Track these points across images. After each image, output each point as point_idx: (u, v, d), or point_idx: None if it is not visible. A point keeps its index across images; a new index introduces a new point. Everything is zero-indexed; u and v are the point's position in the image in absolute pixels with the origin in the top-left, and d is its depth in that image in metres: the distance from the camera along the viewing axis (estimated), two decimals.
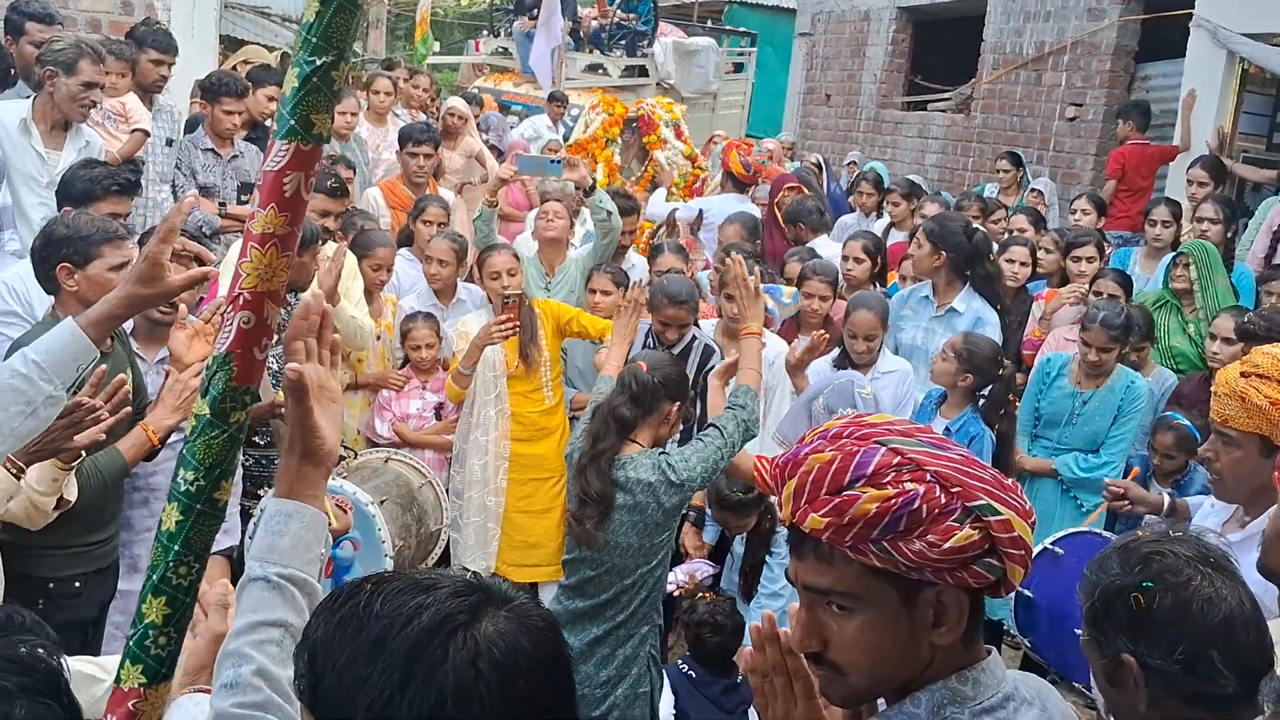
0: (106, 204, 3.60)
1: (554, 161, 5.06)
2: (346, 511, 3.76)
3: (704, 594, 3.76)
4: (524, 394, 4.52)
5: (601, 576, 3.06)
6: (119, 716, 1.16)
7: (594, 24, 11.36)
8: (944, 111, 11.18)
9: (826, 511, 1.28)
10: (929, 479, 1.27)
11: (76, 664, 1.91)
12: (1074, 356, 4.49)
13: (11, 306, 3.38)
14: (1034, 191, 8.03)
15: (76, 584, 2.93)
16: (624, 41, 11.28)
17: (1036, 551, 3.20)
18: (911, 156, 11.27)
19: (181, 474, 1.20)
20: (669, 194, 8.18)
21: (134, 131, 5.08)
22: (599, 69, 11.21)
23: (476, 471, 4.49)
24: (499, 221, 5.08)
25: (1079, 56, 9.38)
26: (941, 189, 9.59)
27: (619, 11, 11.31)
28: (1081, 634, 1.71)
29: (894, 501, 1.26)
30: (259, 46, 9.51)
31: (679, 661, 3.62)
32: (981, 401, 4.15)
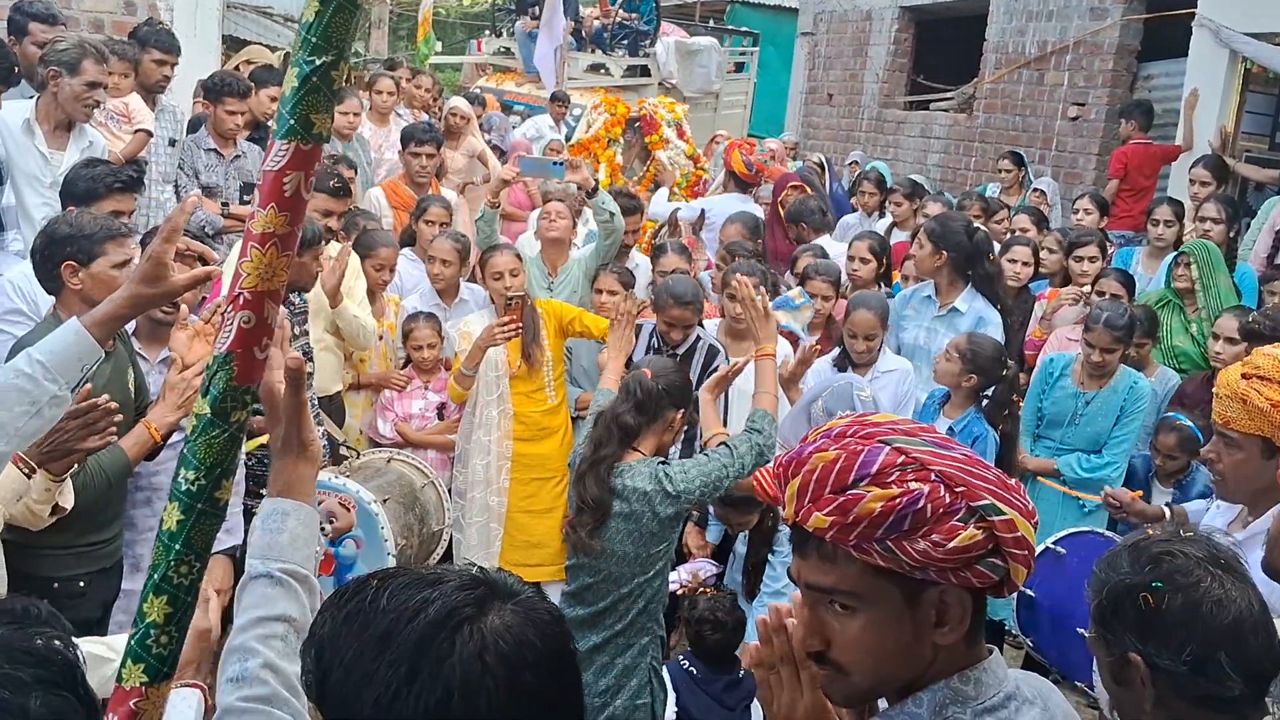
0: (110, 202, 3.60)
1: (556, 163, 5.05)
2: (350, 510, 3.77)
3: (705, 589, 3.74)
4: (526, 394, 4.52)
5: (599, 584, 3.05)
6: (121, 715, 1.17)
7: (596, 23, 11.36)
8: (946, 111, 11.17)
9: (831, 510, 1.28)
10: (933, 478, 1.27)
11: (87, 645, 1.93)
12: (1077, 357, 4.48)
13: (17, 305, 3.38)
14: (1036, 191, 8.02)
15: (81, 584, 2.93)
16: (626, 41, 11.28)
17: (1039, 551, 3.20)
18: (914, 156, 11.26)
19: (183, 473, 1.20)
20: (671, 194, 8.17)
21: (137, 132, 5.09)
22: (601, 69, 11.21)
23: (479, 471, 4.49)
24: (501, 221, 5.07)
25: (1081, 56, 9.37)
26: (944, 189, 9.58)
27: (621, 11, 11.31)
28: (1088, 631, 1.70)
29: (899, 501, 1.25)
30: (261, 46, 9.52)
31: (679, 658, 3.61)
32: (985, 402, 4.15)
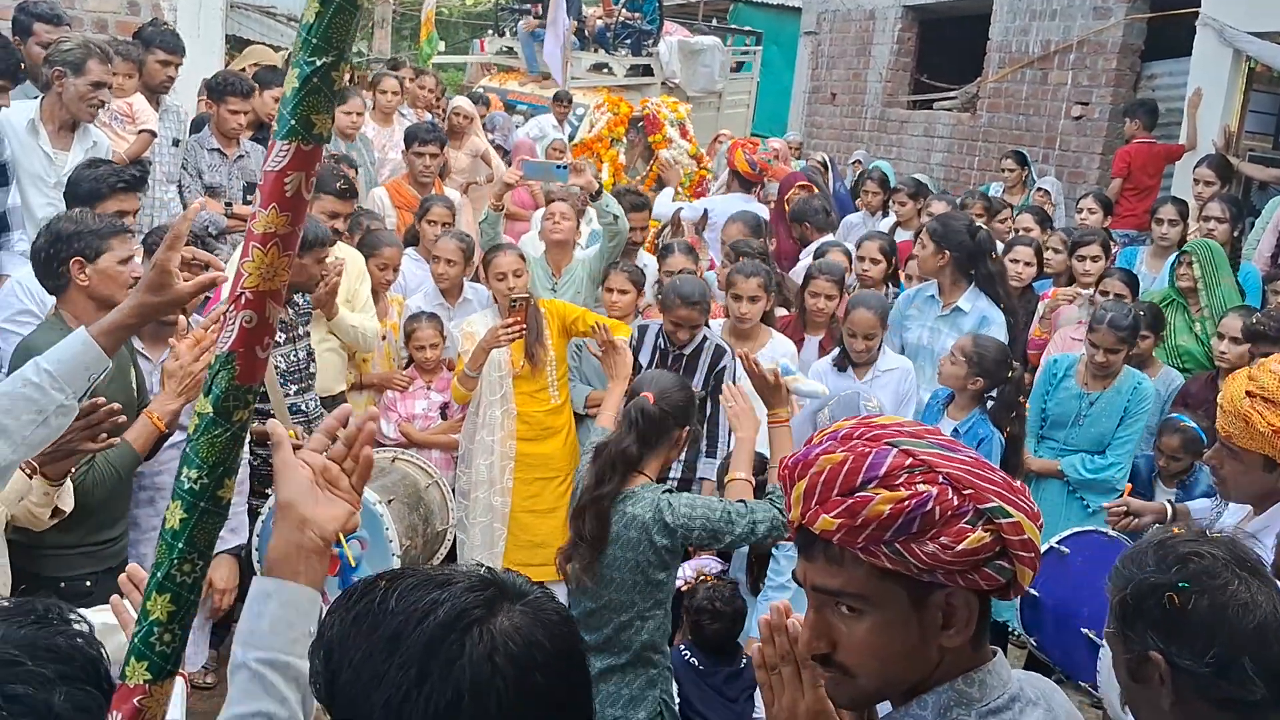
0: (114, 202, 3.61)
1: (560, 167, 5.03)
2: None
3: (705, 576, 3.69)
4: (530, 394, 4.52)
5: (600, 610, 3.01)
6: (125, 712, 1.17)
7: (599, 23, 11.37)
8: (950, 110, 11.15)
9: (839, 513, 1.28)
10: (941, 481, 1.27)
11: (97, 616, 1.94)
12: (1081, 357, 4.48)
13: (26, 305, 3.39)
14: (1040, 191, 8.00)
15: (87, 583, 2.93)
16: (629, 40, 11.29)
17: (1043, 550, 3.18)
18: (917, 155, 11.25)
19: (185, 472, 1.20)
20: (675, 193, 8.17)
21: (141, 132, 5.10)
22: (604, 68, 11.22)
23: (483, 471, 4.49)
24: (504, 220, 5.07)
25: (1085, 55, 9.36)
26: (947, 188, 9.57)
27: (624, 10, 11.32)
28: (1107, 626, 1.70)
29: (907, 503, 1.25)
30: (265, 46, 9.53)
31: (680, 646, 3.57)
32: (990, 403, 4.14)
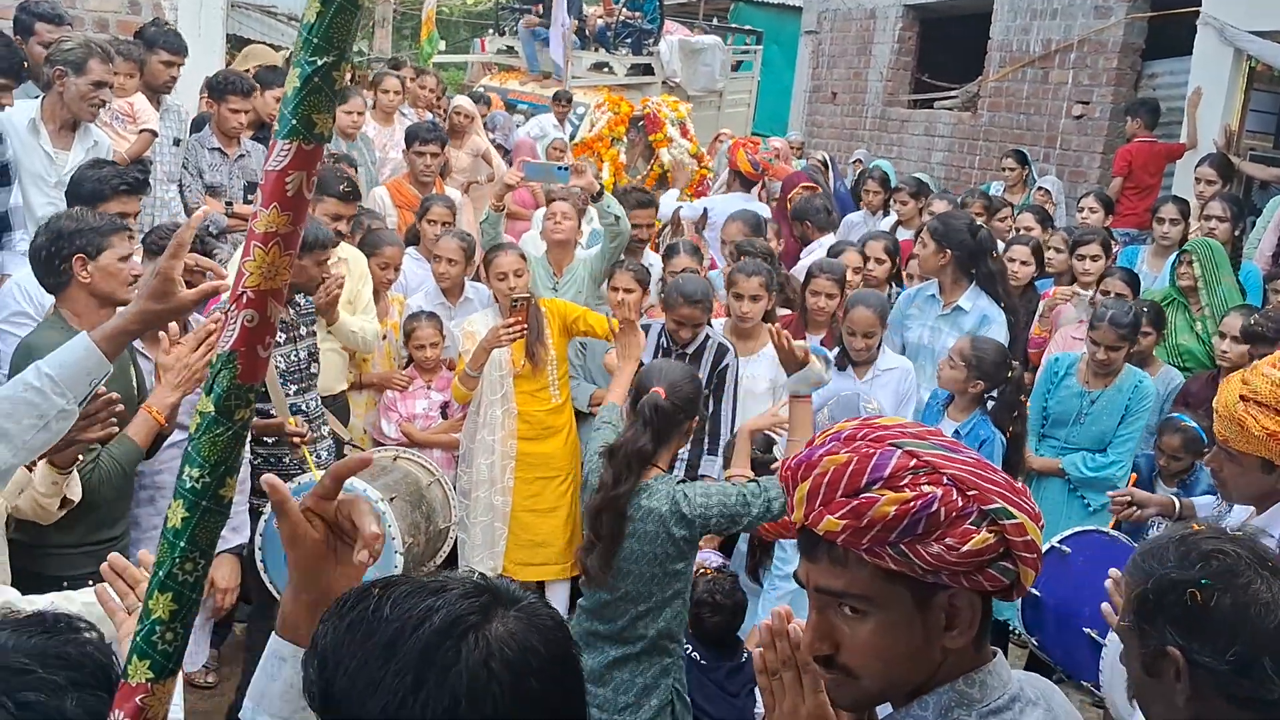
0: (115, 203, 3.62)
1: (561, 168, 5.02)
2: None
3: (704, 570, 3.68)
4: (530, 393, 4.52)
5: (617, 602, 3.02)
6: (127, 711, 1.17)
7: (600, 22, 11.38)
8: (950, 109, 11.15)
9: (843, 514, 1.27)
10: (945, 482, 1.27)
11: (81, 595, 1.96)
12: (1082, 356, 4.48)
13: (23, 307, 3.39)
14: (1041, 190, 8.00)
15: (90, 582, 2.92)
16: (630, 40, 11.30)
17: (1044, 550, 3.18)
18: (918, 155, 11.25)
19: (187, 471, 1.20)
20: (681, 194, 8.16)
21: (142, 132, 5.10)
22: (605, 67, 11.23)
23: (483, 471, 4.50)
24: (505, 220, 5.07)
25: (1086, 54, 9.36)
26: (948, 187, 9.57)
27: (625, 10, 11.33)
28: (1121, 619, 1.69)
29: (912, 504, 1.25)
30: (265, 46, 9.53)
31: (682, 640, 3.58)
32: (991, 404, 4.14)
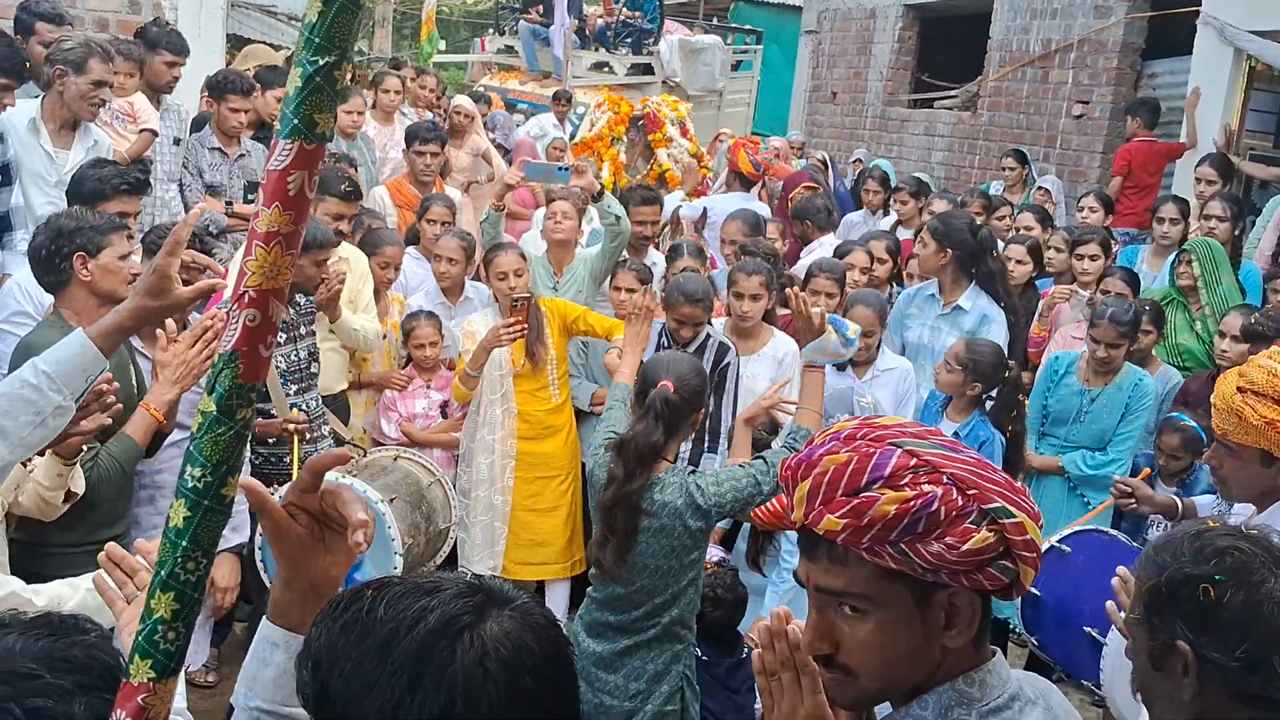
0: (116, 203, 3.62)
1: (562, 169, 5.02)
2: None
3: (705, 564, 3.72)
4: (530, 392, 4.52)
5: (632, 595, 3.00)
6: (129, 710, 1.17)
7: (600, 22, 11.39)
8: (950, 109, 11.15)
9: (844, 513, 1.27)
10: (946, 481, 1.27)
11: (81, 580, 1.96)
12: (1082, 354, 4.49)
13: (23, 307, 3.40)
14: (1041, 189, 8.01)
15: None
16: (630, 39, 11.31)
17: (1044, 549, 3.18)
18: (918, 154, 11.25)
19: (189, 470, 1.20)
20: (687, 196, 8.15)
21: (142, 131, 5.11)
22: (605, 67, 11.23)
23: (483, 470, 4.50)
24: (505, 219, 5.07)
25: (1086, 54, 9.36)
26: (947, 187, 9.58)
27: (625, 9, 11.33)
28: (1130, 612, 1.69)
29: (913, 504, 1.25)
30: (265, 46, 9.53)
31: None
32: (989, 404, 4.14)
